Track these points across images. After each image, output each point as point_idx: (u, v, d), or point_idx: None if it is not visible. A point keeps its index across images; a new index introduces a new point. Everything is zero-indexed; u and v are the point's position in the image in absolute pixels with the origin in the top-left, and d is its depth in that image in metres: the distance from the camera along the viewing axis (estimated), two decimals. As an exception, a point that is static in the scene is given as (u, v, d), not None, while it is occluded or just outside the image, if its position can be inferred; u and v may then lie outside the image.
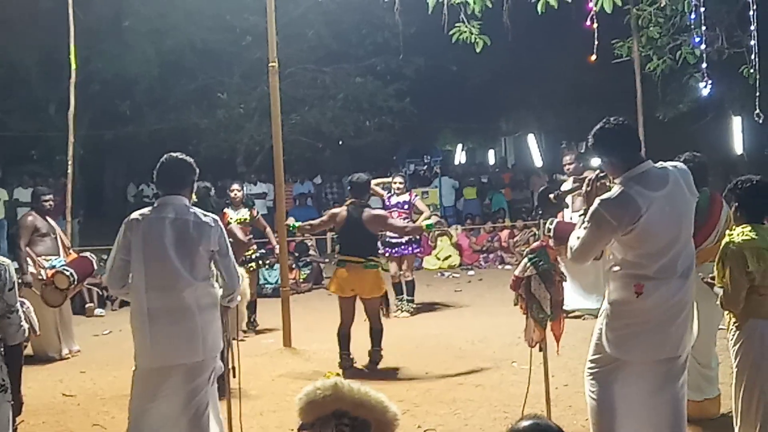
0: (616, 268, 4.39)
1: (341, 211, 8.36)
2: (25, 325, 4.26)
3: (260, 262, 10.52)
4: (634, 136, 4.49)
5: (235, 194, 10.65)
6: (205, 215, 5.19)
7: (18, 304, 4.22)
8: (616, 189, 4.34)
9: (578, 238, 4.44)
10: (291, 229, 8.45)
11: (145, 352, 5.05)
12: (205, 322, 5.07)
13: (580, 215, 4.59)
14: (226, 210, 10.09)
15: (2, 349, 4.19)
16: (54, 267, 8.38)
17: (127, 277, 5.10)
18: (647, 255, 4.28)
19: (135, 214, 5.19)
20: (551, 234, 5.18)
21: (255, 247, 10.42)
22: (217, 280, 5.30)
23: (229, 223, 9.71)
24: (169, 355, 5.00)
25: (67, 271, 8.22)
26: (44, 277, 8.44)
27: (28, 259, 8.98)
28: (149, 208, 5.23)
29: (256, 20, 16.39)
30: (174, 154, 5.36)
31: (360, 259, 8.11)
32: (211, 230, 5.11)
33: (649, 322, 4.32)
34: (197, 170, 5.38)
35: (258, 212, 10.92)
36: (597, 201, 4.32)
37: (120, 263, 5.10)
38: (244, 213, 10.51)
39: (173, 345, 4.99)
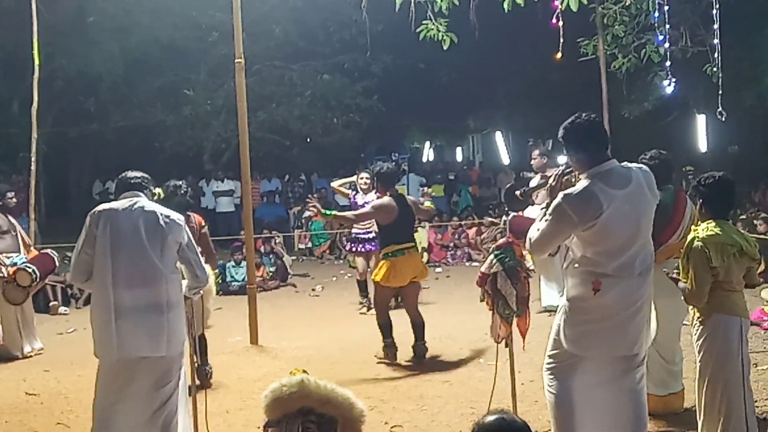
0: (575, 265, 4.42)
1: (388, 202, 8.23)
2: None
3: None
4: (603, 134, 4.52)
5: None
6: (170, 210, 5.28)
7: None
8: (580, 184, 4.37)
9: (538, 230, 4.47)
10: (326, 215, 8.29)
11: (108, 344, 5.02)
12: (171, 320, 5.08)
13: (542, 208, 4.61)
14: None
15: None
16: (15, 264, 8.29)
17: (90, 271, 5.08)
18: (605, 252, 4.30)
19: (101, 207, 5.20)
20: (508, 228, 5.21)
21: None
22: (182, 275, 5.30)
23: (203, 226, 9.70)
24: (132, 348, 4.99)
25: (29, 268, 8.12)
26: (5, 275, 8.34)
27: (-11, 257, 8.87)
28: (116, 202, 5.22)
29: (222, 17, 16.30)
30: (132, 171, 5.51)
31: (414, 244, 8.32)
32: (179, 222, 5.21)
33: (606, 320, 4.35)
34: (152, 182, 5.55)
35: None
36: (560, 195, 4.35)
37: (84, 257, 5.09)
38: None
39: (137, 338, 4.98)
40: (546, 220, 4.42)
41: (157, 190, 7.33)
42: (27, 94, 10.84)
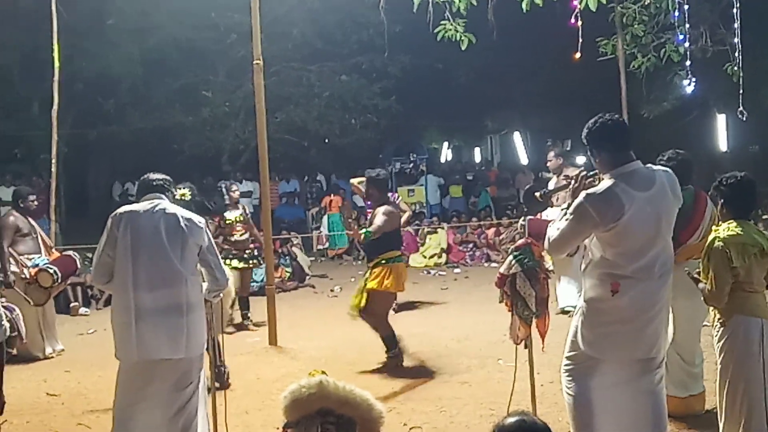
0: (594, 267, 4.38)
1: (394, 209, 8.35)
2: (6, 324, 4.22)
3: (254, 262, 10.53)
4: (627, 135, 4.48)
5: (235, 194, 10.70)
6: (191, 213, 5.30)
7: None
8: (603, 185, 4.34)
9: (558, 229, 4.44)
10: (367, 236, 8.27)
11: (127, 346, 5.05)
12: (191, 322, 5.09)
13: (562, 209, 4.59)
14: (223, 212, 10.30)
15: None
16: (37, 265, 8.33)
17: (112, 272, 5.10)
18: (625, 254, 4.27)
19: (122, 209, 5.23)
20: (525, 231, 5.19)
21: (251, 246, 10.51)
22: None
23: (226, 220, 9.83)
24: (152, 350, 5.01)
25: (51, 269, 8.16)
26: (27, 276, 8.39)
27: (11, 258, 8.93)
28: (137, 204, 5.25)
29: (240, 18, 16.32)
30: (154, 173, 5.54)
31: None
32: (200, 225, 5.24)
33: (623, 322, 4.31)
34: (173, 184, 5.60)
35: (246, 210, 10.88)
36: (582, 194, 4.33)
37: (106, 258, 5.12)
38: (239, 212, 10.51)
39: (157, 340, 5.00)
40: (567, 219, 4.39)
41: (181, 191, 7.45)
42: (46, 96, 10.91)
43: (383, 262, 8.09)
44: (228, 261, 9.66)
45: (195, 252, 5.17)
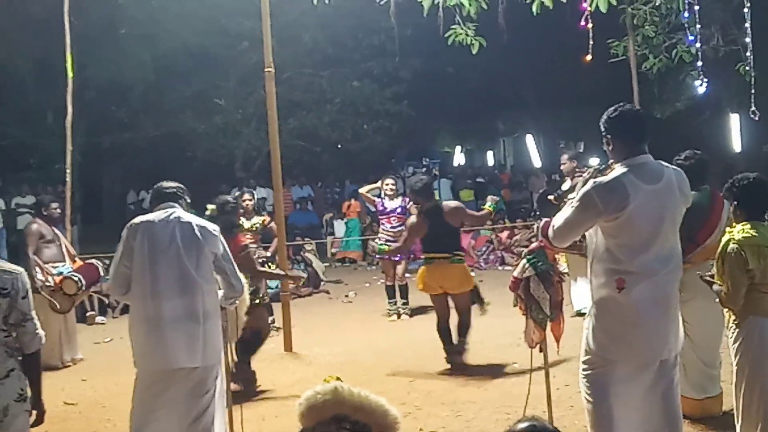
0: (598, 261, 4.34)
1: (413, 218, 8.53)
2: (41, 333, 4.24)
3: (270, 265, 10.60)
4: (644, 127, 4.44)
5: (247, 204, 10.58)
6: (206, 221, 5.34)
7: (33, 312, 4.21)
8: (611, 174, 4.33)
9: (563, 217, 4.43)
10: (380, 252, 8.36)
11: (146, 355, 5.10)
12: (207, 330, 5.12)
13: (569, 198, 4.57)
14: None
15: (20, 358, 4.18)
16: (62, 273, 8.37)
17: (129, 283, 5.13)
18: (628, 247, 4.22)
19: (138, 219, 5.26)
20: (539, 233, 5.17)
21: (264, 254, 10.53)
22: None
23: (246, 247, 9.78)
24: (170, 359, 5.04)
25: (75, 276, 8.19)
26: (52, 284, 8.43)
27: (36, 266, 8.99)
28: (152, 213, 5.28)
29: (251, 24, 16.38)
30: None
31: (446, 255, 8.19)
32: (215, 233, 5.26)
33: (634, 322, 4.25)
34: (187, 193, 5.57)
35: (271, 219, 10.80)
36: (590, 183, 4.32)
37: (123, 269, 5.15)
38: (256, 221, 10.52)
39: (175, 350, 5.03)
40: (572, 207, 4.38)
41: (211, 207, 7.53)
42: (60, 104, 10.95)
43: (425, 261, 8.40)
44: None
45: (210, 260, 5.20)
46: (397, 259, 10.79)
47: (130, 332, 5.21)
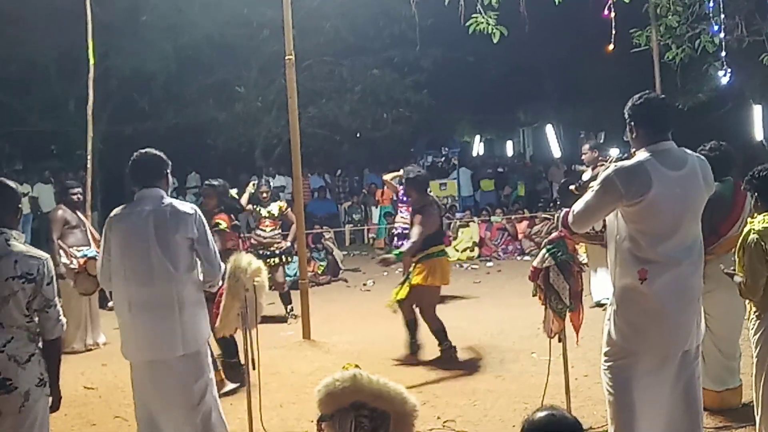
0: (619, 249, 4.30)
1: (430, 212, 8.37)
2: (63, 320, 4.28)
3: (285, 258, 10.62)
4: (669, 115, 4.41)
5: (264, 196, 10.82)
6: (183, 204, 5.23)
7: (56, 298, 4.25)
8: (634, 158, 4.30)
9: (584, 201, 4.39)
10: (397, 257, 8.33)
11: (129, 345, 5.17)
12: (186, 319, 5.07)
13: (591, 184, 4.54)
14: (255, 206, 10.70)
15: (41, 344, 4.23)
16: (86, 255, 8.43)
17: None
18: (650, 233, 4.19)
19: (113, 212, 5.25)
20: (559, 223, 5.14)
21: (284, 243, 10.58)
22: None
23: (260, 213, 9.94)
24: (149, 350, 5.08)
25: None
26: (76, 266, 8.49)
27: (61, 251, 9.07)
28: (129, 204, 5.27)
29: (272, 14, 16.34)
30: (144, 150, 5.45)
31: (444, 248, 8.46)
32: (188, 218, 5.11)
33: (656, 313, 4.21)
34: (169, 162, 5.46)
35: (288, 206, 10.95)
36: (612, 167, 4.29)
37: (106, 263, 5.19)
38: (273, 207, 10.68)
39: (153, 340, 5.05)
40: (593, 190, 4.35)
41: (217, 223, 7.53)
42: (82, 93, 11.00)
43: (427, 257, 8.17)
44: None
45: (185, 246, 5.10)
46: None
47: (117, 320, 5.29)
